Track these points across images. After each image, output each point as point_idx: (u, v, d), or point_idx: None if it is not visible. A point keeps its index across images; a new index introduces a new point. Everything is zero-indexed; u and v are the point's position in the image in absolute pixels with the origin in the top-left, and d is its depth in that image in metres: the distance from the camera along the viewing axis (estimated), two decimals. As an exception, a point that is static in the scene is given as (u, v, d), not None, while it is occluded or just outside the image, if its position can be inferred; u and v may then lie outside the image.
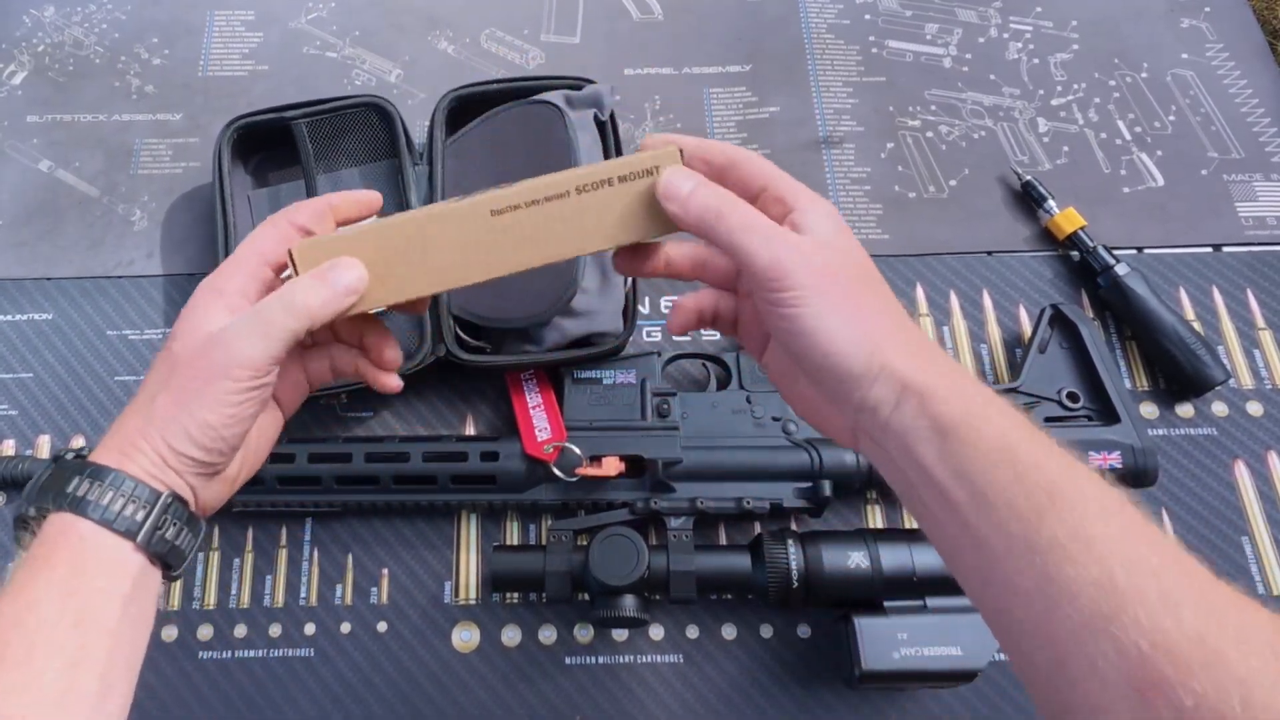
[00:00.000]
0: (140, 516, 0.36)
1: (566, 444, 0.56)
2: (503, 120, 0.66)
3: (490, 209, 0.38)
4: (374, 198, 0.44)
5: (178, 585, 0.59)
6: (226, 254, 0.63)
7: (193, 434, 0.37)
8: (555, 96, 0.65)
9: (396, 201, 0.66)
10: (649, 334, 0.67)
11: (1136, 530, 0.31)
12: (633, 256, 0.41)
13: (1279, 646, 0.28)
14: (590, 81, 0.67)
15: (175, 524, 0.37)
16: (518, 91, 0.67)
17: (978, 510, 0.32)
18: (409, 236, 0.39)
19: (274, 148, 0.69)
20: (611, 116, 0.66)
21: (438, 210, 0.39)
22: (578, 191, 0.38)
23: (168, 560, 0.38)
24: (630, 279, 0.63)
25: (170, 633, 0.58)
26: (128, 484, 0.36)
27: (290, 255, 0.39)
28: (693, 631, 0.58)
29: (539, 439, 0.57)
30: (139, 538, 0.36)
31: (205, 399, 0.37)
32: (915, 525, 0.60)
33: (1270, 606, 0.58)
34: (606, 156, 0.66)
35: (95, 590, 0.35)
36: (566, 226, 0.39)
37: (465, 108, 0.68)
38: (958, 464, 0.33)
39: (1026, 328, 0.66)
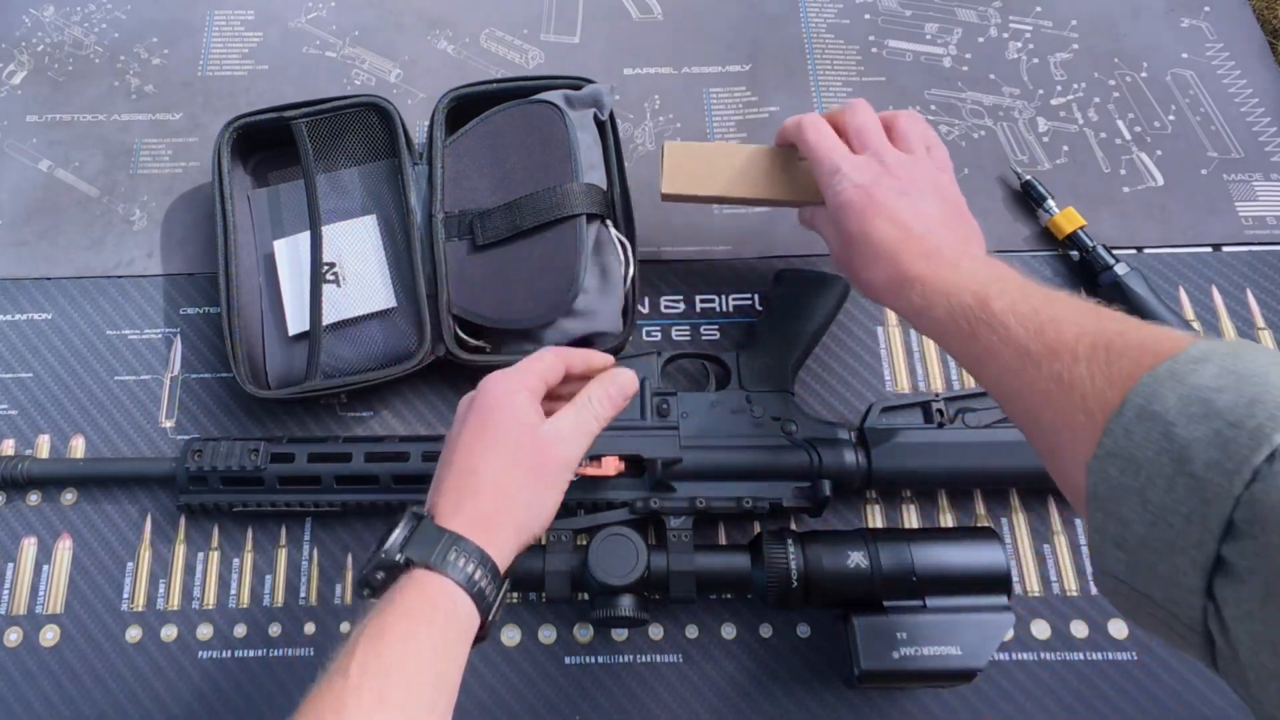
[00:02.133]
0: (493, 596, 0.42)
1: None
2: (502, 120, 0.66)
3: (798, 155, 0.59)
4: (607, 360, 0.52)
5: (177, 585, 0.59)
6: (226, 254, 0.64)
7: (543, 523, 0.45)
8: (555, 96, 0.65)
9: (396, 201, 0.65)
10: (649, 334, 0.67)
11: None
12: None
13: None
14: (590, 81, 0.67)
15: (502, 595, 0.44)
16: (517, 91, 0.67)
17: (1011, 318, 0.42)
18: (735, 155, 0.61)
19: (274, 147, 0.69)
20: (611, 116, 0.66)
21: (758, 146, 0.61)
22: (799, 160, 0.60)
23: (487, 630, 0.43)
24: (629, 280, 0.63)
25: (170, 632, 0.58)
26: (486, 559, 0.42)
27: (662, 149, 0.61)
28: (692, 631, 0.58)
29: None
30: (491, 614, 0.42)
31: (554, 494, 0.45)
32: (914, 525, 0.60)
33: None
34: (606, 156, 0.66)
35: (455, 654, 0.40)
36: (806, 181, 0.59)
37: (464, 107, 0.67)
38: (1005, 294, 0.43)
39: (1026, 327, 0.66)
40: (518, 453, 0.44)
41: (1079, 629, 0.57)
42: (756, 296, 0.67)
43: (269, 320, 0.64)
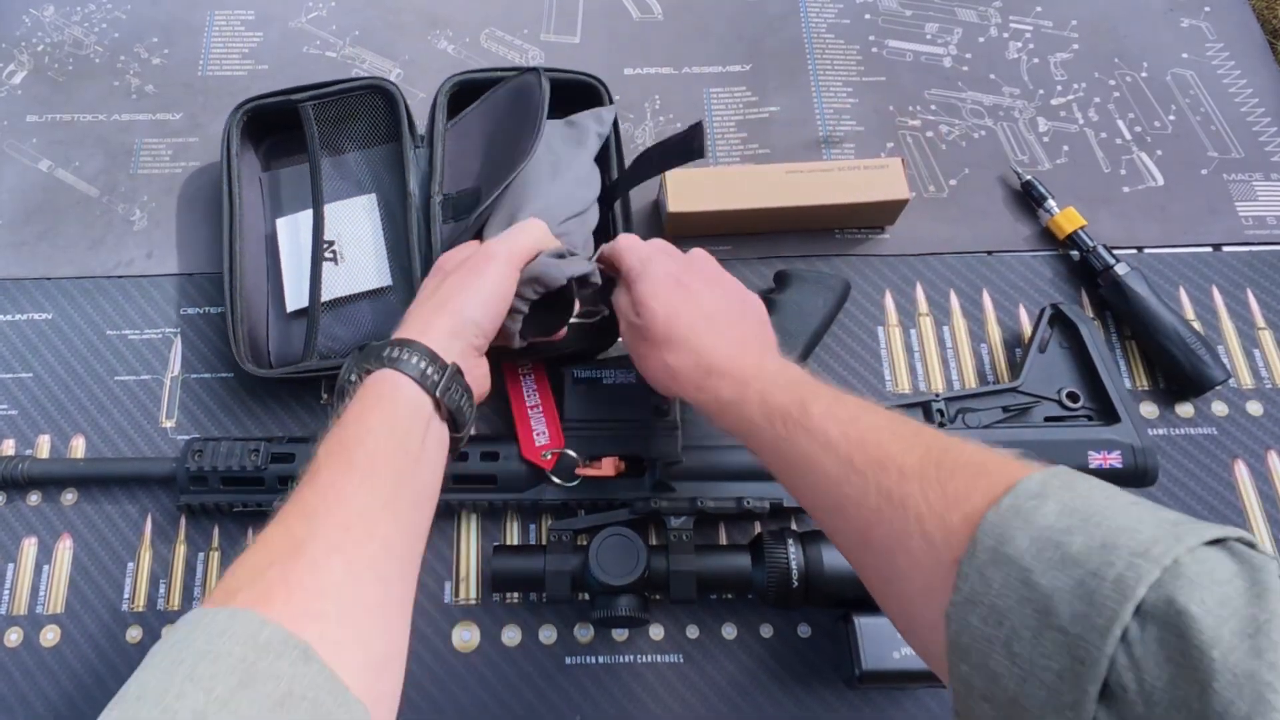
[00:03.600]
0: (437, 377, 0.45)
1: (564, 450, 0.56)
2: (497, 98, 0.66)
3: (785, 170, 0.67)
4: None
5: (178, 585, 0.59)
6: (232, 237, 0.64)
7: (479, 304, 0.49)
8: (544, 82, 0.63)
9: (397, 184, 0.66)
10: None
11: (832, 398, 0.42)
12: None
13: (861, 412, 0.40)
14: (593, 76, 0.67)
15: (458, 389, 0.46)
16: None
17: (775, 439, 0.43)
18: (733, 173, 0.69)
19: (281, 132, 0.70)
20: (615, 121, 0.66)
21: (752, 166, 0.71)
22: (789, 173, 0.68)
23: (455, 418, 0.47)
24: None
25: (170, 632, 0.58)
26: (426, 352, 0.45)
27: (663, 178, 0.67)
28: (693, 631, 0.58)
29: (536, 444, 0.57)
30: (437, 391, 0.45)
31: (483, 279, 0.49)
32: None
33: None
34: (605, 155, 0.66)
35: (408, 426, 0.44)
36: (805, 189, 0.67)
37: (467, 95, 0.67)
38: (822, 409, 0.42)
39: (1026, 327, 0.66)
40: (447, 272, 0.51)
41: (1079, 629, 0.57)
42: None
43: (272, 300, 0.65)
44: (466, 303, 0.48)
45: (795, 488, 0.43)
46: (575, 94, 0.68)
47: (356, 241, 0.65)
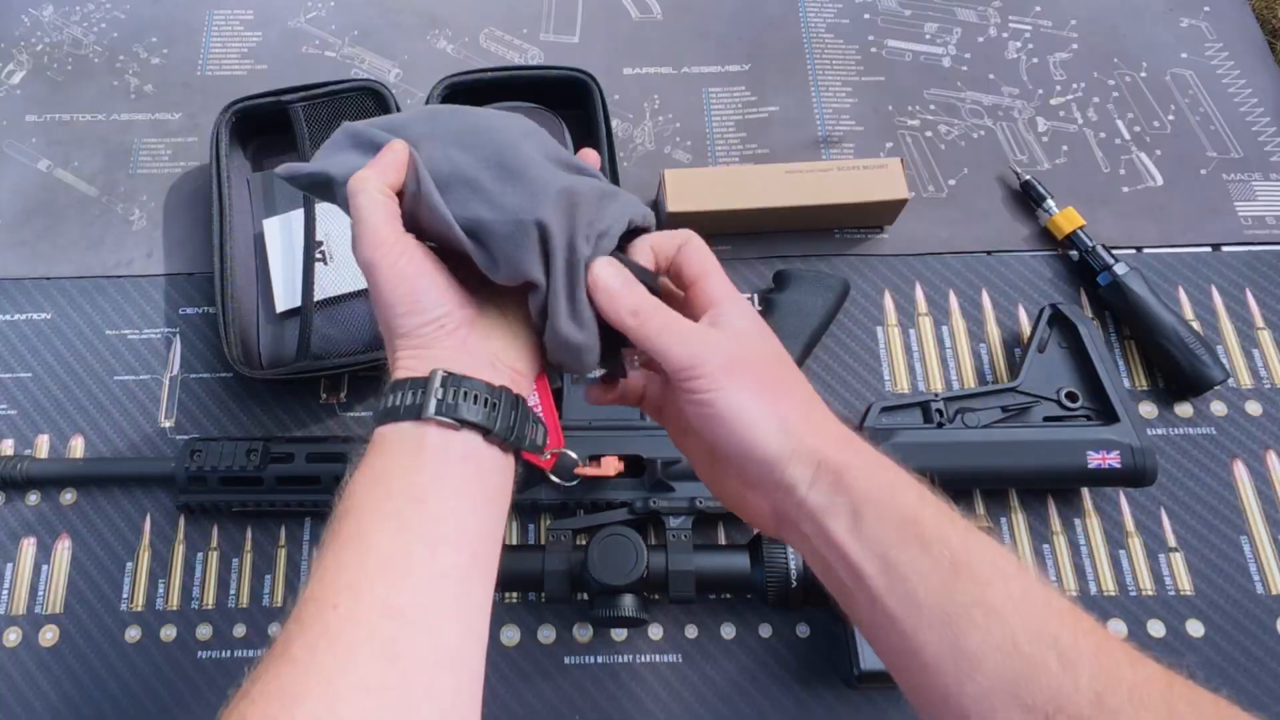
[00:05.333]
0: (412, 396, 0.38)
1: (564, 450, 0.56)
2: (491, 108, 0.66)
3: (785, 170, 0.67)
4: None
5: (176, 585, 0.59)
6: (222, 238, 0.65)
7: (388, 297, 0.39)
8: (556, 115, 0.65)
9: None
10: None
11: (1035, 594, 0.32)
12: None
13: (1172, 701, 0.30)
14: (587, 73, 0.67)
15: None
16: (512, 80, 0.67)
17: (888, 583, 0.33)
18: (730, 172, 0.70)
19: (272, 132, 0.70)
20: (605, 113, 0.66)
21: (750, 165, 0.72)
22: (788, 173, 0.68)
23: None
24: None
25: (169, 632, 0.58)
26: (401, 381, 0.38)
27: (661, 177, 0.67)
28: (692, 631, 0.58)
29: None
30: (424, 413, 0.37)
31: (377, 274, 0.39)
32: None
33: (1270, 606, 0.58)
34: (598, 149, 0.66)
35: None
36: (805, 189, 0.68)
37: (458, 96, 0.68)
38: (869, 538, 0.34)
39: (1025, 327, 0.66)
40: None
41: (1078, 629, 0.57)
42: (756, 296, 0.67)
43: (262, 300, 0.65)
44: (382, 312, 0.39)
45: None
46: (567, 90, 0.68)
47: (347, 241, 0.64)
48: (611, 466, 0.56)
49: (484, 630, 0.36)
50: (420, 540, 0.34)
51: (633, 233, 0.40)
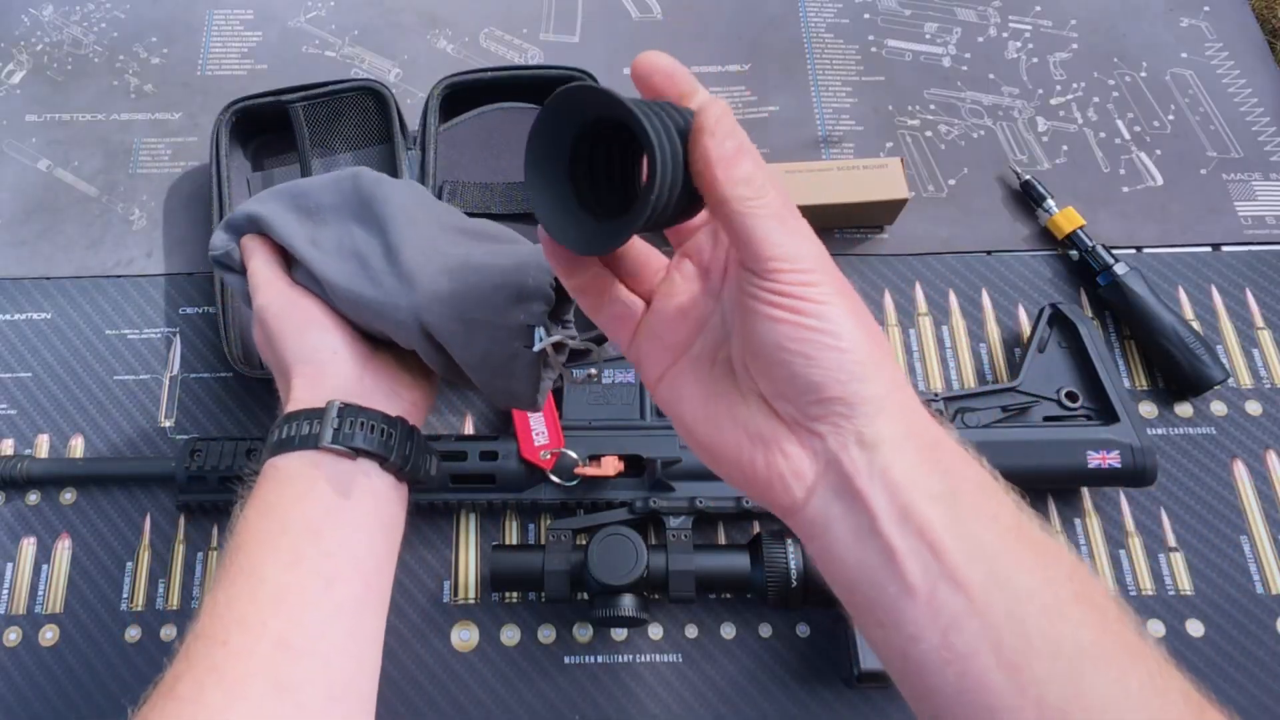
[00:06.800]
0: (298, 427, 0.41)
1: (563, 450, 0.56)
2: (499, 118, 0.66)
3: (785, 170, 0.66)
4: None
5: (176, 585, 0.59)
6: None
7: (276, 352, 0.46)
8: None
9: None
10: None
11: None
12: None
13: None
14: (587, 73, 0.67)
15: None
16: (512, 81, 0.68)
17: (1003, 612, 0.26)
18: None
19: (272, 132, 0.69)
20: None
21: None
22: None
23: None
24: None
25: (170, 632, 0.58)
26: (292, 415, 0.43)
27: None
28: (692, 631, 0.58)
29: (535, 444, 0.57)
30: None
31: (267, 330, 0.45)
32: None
33: (1270, 606, 0.58)
34: None
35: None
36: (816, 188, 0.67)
37: (459, 96, 0.68)
38: (973, 538, 0.27)
39: (1025, 327, 0.66)
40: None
41: (1078, 628, 0.57)
42: (756, 296, 0.67)
43: None
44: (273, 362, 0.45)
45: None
46: None
47: None
48: (611, 466, 0.56)
49: (376, 661, 0.36)
50: (315, 574, 0.34)
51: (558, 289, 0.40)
